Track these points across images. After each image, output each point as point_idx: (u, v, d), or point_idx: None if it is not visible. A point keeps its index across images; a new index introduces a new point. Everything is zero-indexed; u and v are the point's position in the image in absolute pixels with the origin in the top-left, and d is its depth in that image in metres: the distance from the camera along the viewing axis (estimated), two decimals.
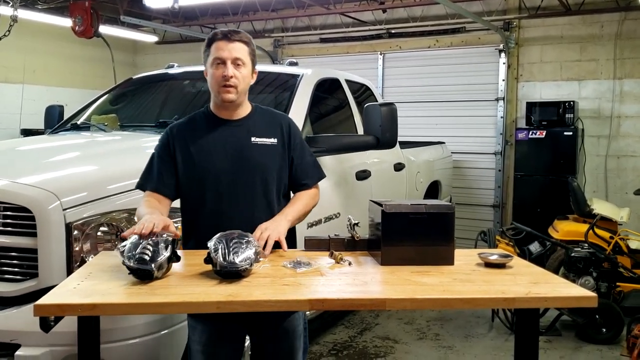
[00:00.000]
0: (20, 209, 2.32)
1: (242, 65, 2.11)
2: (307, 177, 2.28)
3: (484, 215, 7.27)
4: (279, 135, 2.21)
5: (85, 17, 6.59)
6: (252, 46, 2.17)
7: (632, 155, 6.54)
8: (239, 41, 2.12)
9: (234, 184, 2.11)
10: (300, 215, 2.21)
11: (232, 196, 2.11)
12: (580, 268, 4.30)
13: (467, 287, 1.75)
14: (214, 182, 2.11)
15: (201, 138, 2.16)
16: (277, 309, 1.63)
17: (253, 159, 2.14)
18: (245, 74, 2.13)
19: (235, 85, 2.09)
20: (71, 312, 1.56)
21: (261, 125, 2.20)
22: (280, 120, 2.28)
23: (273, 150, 2.18)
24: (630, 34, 6.46)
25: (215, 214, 2.11)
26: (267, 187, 2.15)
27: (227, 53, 2.09)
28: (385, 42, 7.79)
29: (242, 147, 2.14)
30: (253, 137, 2.16)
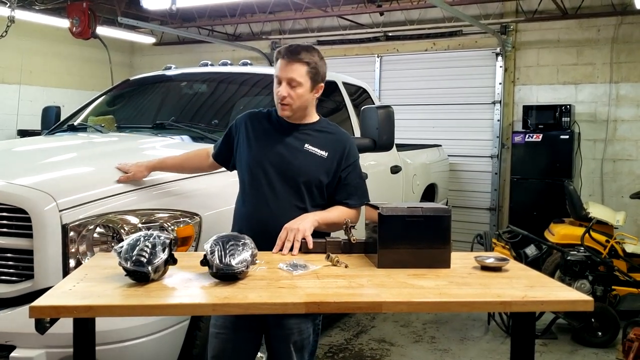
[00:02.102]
0: (16, 210, 2.32)
1: (297, 86, 2.21)
2: (349, 197, 2.33)
3: (481, 218, 7.28)
4: (332, 152, 2.29)
5: (83, 18, 6.59)
6: (313, 64, 2.23)
7: (628, 159, 6.57)
8: (298, 62, 2.20)
9: (274, 181, 2.23)
10: (329, 222, 2.26)
11: (272, 192, 2.23)
12: (576, 271, 4.31)
13: (464, 290, 1.75)
14: (256, 173, 2.26)
15: (263, 131, 2.32)
16: (272, 311, 1.63)
17: (296, 162, 2.24)
18: (301, 93, 2.23)
19: (289, 104, 2.23)
20: (67, 313, 1.55)
21: (320, 137, 2.31)
22: (340, 139, 2.36)
23: (321, 162, 2.27)
24: (627, 38, 6.50)
25: (256, 206, 2.25)
26: (301, 191, 2.24)
27: (283, 73, 2.21)
28: (383, 45, 7.80)
29: (292, 150, 2.26)
30: (307, 144, 2.27)
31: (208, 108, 3.89)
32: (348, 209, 2.32)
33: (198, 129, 3.46)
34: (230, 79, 4.10)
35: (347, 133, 2.44)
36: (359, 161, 2.40)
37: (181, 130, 3.46)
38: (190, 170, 2.65)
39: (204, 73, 4.21)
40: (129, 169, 2.57)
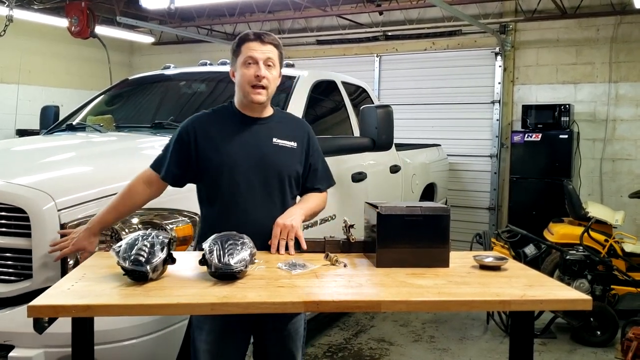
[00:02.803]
0: (14, 210, 2.31)
1: (272, 67, 2.16)
2: (320, 183, 2.35)
3: (480, 218, 7.28)
4: (299, 141, 2.27)
5: (82, 18, 6.58)
6: (281, 49, 2.22)
7: (627, 159, 6.57)
8: (271, 43, 2.16)
9: (251, 179, 2.15)
10: (311, 213, 2.28)
11: (249, 191, 2.15)
12: (575, 271, 4.30)
13: (462, 289, 1.75)
14: (232, 175, 2.14)
15: (223, 132, 2.19)
16: (271, 310, 1.62)
17: (272, 158, 2.19)
18: (275, 76, 2.19)
19: (266, 87, 2.14)
20: (65, 313, 1.55)
21: (283, 128, 2.26)
22: (301, 127, 2.35)
23: (292, 153, 2.24)
24: (626, 37, 6.50)
25: (231, 206, 2.15)
26: (283, 186, 2.21)
27: (260, 54, 2.13)
28: (382, 45, 7.80)
29: (262, 146, 2.19)
30: (274, 137, 2.21)
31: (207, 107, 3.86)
32: (320, 194, 2.34)
33: None
34: (229, 79, 4.08)
35: (304, 121, 2.44)
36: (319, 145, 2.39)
37: None
38: (132, 211, 2.29)
39: (203, 72, 4.20)
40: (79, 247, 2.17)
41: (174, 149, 2.20)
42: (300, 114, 3.53)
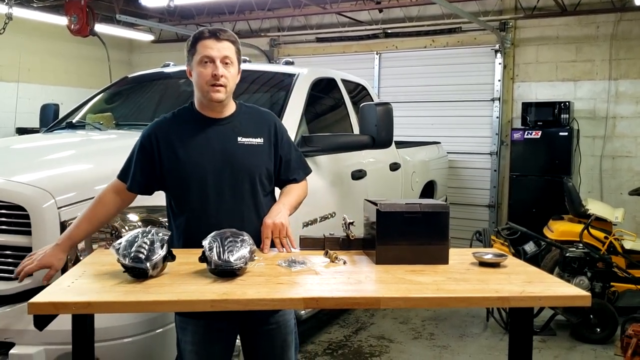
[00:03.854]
0: (14, 207, 2.32)
1: (230, 65, 2.10)
2: (295, 173, 2.30)
3: (480, 215, 7.29)
4: (265, 135, 2.20)
5: (81, 16, 6.57)
6: (238, 45, 2.16)
7: (627, 156, 6.57)
8: (227, 40, 2.10)
9: (220, 184, 2.09)
10: (295, 205, 2.26)
11: (219, 196, 2.09)
12: (574, 268, 4.31)
13: (462, 286, 1.75)
14: (200, 182, 2.08)
15: (186, 136, 2.12)
16: (271, 307, 1.63)
17: (239, 159, 2.12)
18: (234, 73, 2.12)
19: (225, 85, 2.07)
20: (65, 310, 1.56)
21: (247, 124, 2.19)
22: (266, 119, 2.27)
23: (260, 150, 2.17)
24: (626, 34, 6.49)
25: (201, 214, 2.09)
26: (254, 186, 2.15)
27: (216, 52, 2.06)
28: (382, 42, 7.80)
29: (228, 147, 2.12)
30: (239, 137, 2.15)
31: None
32: (300, 184, 2.31)
33: None
34: None
35: (269, 111, 2.34)
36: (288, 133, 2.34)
37: None
38: (104, 223, 2.22)
39: None
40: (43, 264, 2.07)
41: (137, 158, 2.15)
42: (299, 111, 3.53)
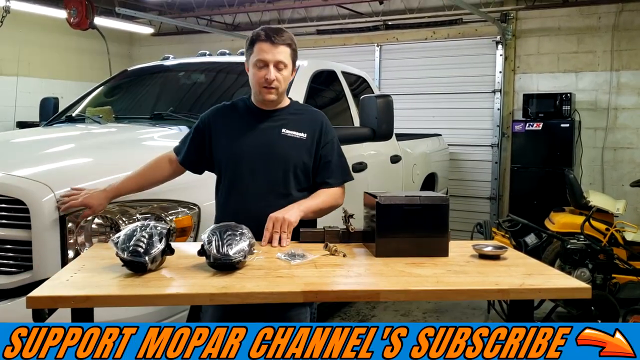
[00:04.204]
0: (14, 202, 2.32)
1: (283, 68, 2.19)
2: (331, 177, 2.30)
3: (481, 208, 7.28)
4: (309, 132, 2.27)
5: (80, 9, 6.55)
6: (294, 46, 2.23)
7: (629, 147, 6.55)
8: (283, 44, 2.18)
9: (254, 170, 2.20)
10: (316, 210, 2.24)
11: (251, 181, 2.20)
12: (576, 260, 4.30)
13: (461, 278, 1.75)
14: (235, 165, 2.22)
15: (235, 124, 2.27)
16: (270, 300, 1.63)
17: (277, 149, 2.21)
18: (287, 76, 2.22)
19: (276, 87, 2.19)
20: (64, 304, 1.56)
21: (294, 119, 2.28)
22: (315, 118, 2.34)
23: (301, 144, 2.24)
24: (628, 25, 6.45)
25: (235, 196, 2.22)
26: (287, 177, 2.22)
27: (270, 56, 2.16)
28: (382, 34, 7.76)
29: (270, 137, 2.23)
30: (284, 128, 2.24)
31: (206, 98, 3.87)
32: (331, 190, 2.29)
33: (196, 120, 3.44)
34: (229, 69, 4.08)
35: (320, 112, 2.40)
36: (337, 138, 2.37)
37: (179, 121, 3.45)
38: (153, 185, 2.39)
39: (202, 63, 4.19)
40: (85, 203, 2.24)
41: (192, 137, 2.34)
42: None
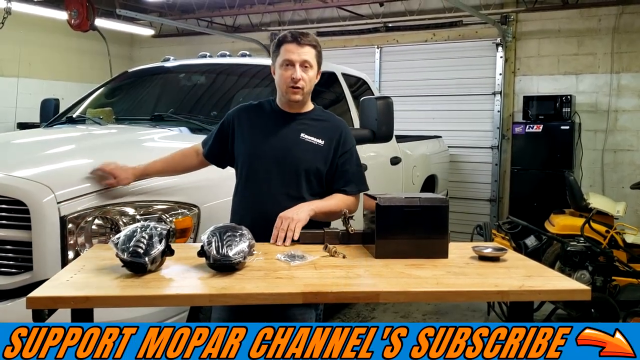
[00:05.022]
0: (14, 202, 2.32)
1: (309, 68, 2.23)
2: (347, 185, 2.32)
3: (481, 210, 7.28)
4: (328, 139, 2.29)
5: (81, 10, 6.55)
6: (319, 48, 2.28)
7: (629, 150, 6.55)
8: (308, 45, 2.22)
9: (268, 171, 2.24)
10: (327, 211, 2.24)
11: (265, 182, 2.25)
12: (576, 262, 4.30)
13: (461, 280, 1.75)
14: (251, 164, 2.28)
15: (258, 123, 2.31)
16: (270, 301, 1.63)
17: (292, 151, 2.25)
18: (312, 76, 2.26)
19: (302, 87, 2.22)
20: (64, 304, 1.56)
21: (315, 125, 2.31)
22: (336, 126, 2.37)
23: (317, 150, 2.27)
24: (628, 27, 6.46)
25: (249, 195, 2.28)
26: (299, 180, 2.24)
27: (296, 56, 2.20)
28: (383, 36, 7.77)
29: (288, 139, 2.26)
30: (303, 133, 2.27)
31: (207, 100, 3.88)
32: (346, 197, 2.31)
33: (197, 121, 3.45)
34: (229, 71, 4.09)
35: (342, 120, 2.43)
36: (356, 148, 2.40)
37: (180, 122, 3.46)
38: (178, 172, 2.51)
39: (203, 64, 4.20)
40: (114, 172, 2.39)
41: (217, 131, 2.42)
42: None
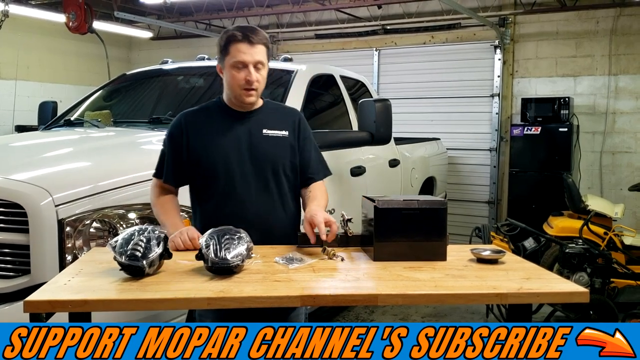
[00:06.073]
0: (12, 205, 2.31)
1: (262, 68, 2.15)
2: (314, 172, 2.30)
3: (479, 212, 7.28)
4: (290, 128, 2.25)
5: (79, 13, 6.56)
6: (269, 45, 2.20)
7: (627, 152, 6.56)
8: (260, 43, 2.13)
9: (245, 173, 2.16)
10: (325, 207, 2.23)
11: (245, 184, 2.15)
12: (574, 264, 4.30)
13: (459, 282, 1.75)
14: (226, 170, 2.15)
15: (213, 128, 2.19)
16: (268, 305, 1.62)
17: (263, 150, 2.18)
18: (265, 75, 2.18)
19: (257, 89, 2.15)
20: (61, 308, 1.55)
21: (272, 118, 2.24)
22: (291, 114, 2.33)
23: (284, 142, 2.21)
24: (626, 29, 6.47)
25: (228, 200, 2.15)
26: (278, 177, 2.20)
27: (249, 57, 2.10)
28: (381, 38, 7.77)
29: (253, 138, 2.18)
30: (264, 129, 2.20)
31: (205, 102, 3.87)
32: (321, 187, 2.30)
33: None
34: None
35: (294, 108, 2.38)
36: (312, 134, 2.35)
37: None
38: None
39: (201, 67, 4.19)
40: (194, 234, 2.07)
41: (168, 149, 2.23)
42: (298, 108, 3.51)
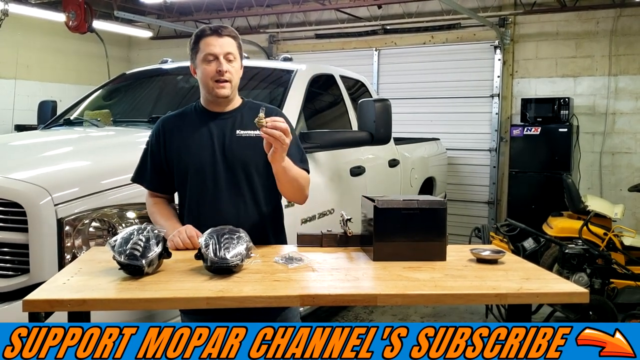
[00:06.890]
0: (11, 204, 2.31)
1: (233, 60, 2.13)
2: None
3: (479, 212, 7.28)
4: None
5: (79, 12, 6.56)
6: (239, 40, 2.19)
7: (627, 152, 6.56)
8: (229, 36, 2.14)
9: (216, 175, 2.13)
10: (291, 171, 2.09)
11: (216, 187, 2.13)
12: (574, 264, 4.30)
13: (459, 282, 1.74)
14: (197, 173, 2.14)
15: (189, 132, 2.18)
16: (267, 304, 1.62)
17: (233, 151, 2.14)
18: (237, 68, 2.16)
19: (229, 80, 2.12)
20: (60, 307, 1.55)
21: (248, 118, 2.16)
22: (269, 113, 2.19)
23: (256, 141, 2.09)
24: (626, 30, 6.47)
25: (199, 204, 2.15)
26: (250, 177, 2.15)
27: (218, 48, 2.10)
28: (381, 38, 7.77)
29: (225, 140, 2.15)
30: (238, 129, 2.17)
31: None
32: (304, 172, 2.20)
33: None
34: None
35: (275, 107, 2.31)
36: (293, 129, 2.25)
37: None
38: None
39: None
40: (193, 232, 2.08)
41: (149, 156, 2.25)
42: (297, 108, 3.52)
